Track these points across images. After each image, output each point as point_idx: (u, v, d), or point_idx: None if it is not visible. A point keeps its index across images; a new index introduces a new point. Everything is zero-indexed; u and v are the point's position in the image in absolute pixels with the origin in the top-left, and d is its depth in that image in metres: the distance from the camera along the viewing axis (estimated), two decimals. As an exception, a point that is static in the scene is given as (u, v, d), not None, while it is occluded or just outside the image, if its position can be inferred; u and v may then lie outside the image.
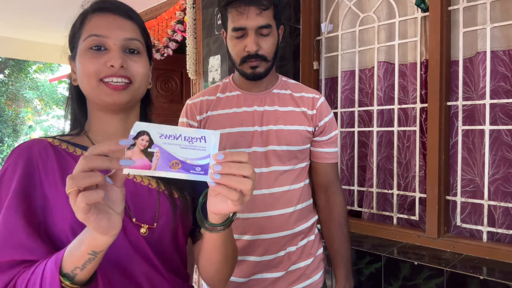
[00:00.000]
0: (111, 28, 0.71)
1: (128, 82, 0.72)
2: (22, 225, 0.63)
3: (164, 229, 0.72)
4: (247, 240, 1.10)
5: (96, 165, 0.50)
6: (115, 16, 0.72)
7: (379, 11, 1.86)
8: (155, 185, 0.75)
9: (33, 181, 0.67)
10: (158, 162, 0.52)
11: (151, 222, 0.71)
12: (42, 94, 12.17)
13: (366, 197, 1.93)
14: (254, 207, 1.09)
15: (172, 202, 0.74)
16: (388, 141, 1.89)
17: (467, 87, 1.63)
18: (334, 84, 2.07)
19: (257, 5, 1.01)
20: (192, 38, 2.35)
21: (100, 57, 0.70)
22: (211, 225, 0.62)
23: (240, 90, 1.16)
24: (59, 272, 0.56)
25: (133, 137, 0.52)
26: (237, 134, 1.10)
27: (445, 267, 1.38)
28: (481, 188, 1.57)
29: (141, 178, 0.74)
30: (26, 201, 0.65)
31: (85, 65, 0.70)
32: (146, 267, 0.69)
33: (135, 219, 0.70)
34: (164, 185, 0.75)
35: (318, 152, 1.17)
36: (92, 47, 0.70)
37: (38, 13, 3.08)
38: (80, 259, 0.55)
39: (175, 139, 0.53)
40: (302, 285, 1.13)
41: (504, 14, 1.53)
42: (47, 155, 0.70)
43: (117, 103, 0.71)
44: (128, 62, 0.71)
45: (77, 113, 0.78)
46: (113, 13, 0.72)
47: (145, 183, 0.74)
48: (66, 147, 0.72)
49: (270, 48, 1.07)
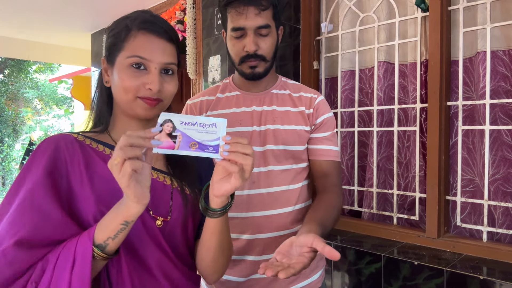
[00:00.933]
0: (154, 51, 0.77)
1: (160, 99, 0.79)
2: (55, 207, 0.70)
3: (176, 222, 0.81)
4: (245, 240, 1.10)
5: (135, 142, 0.61)
6: (159, 39, 0.78)
7: (379, 11, 1.86)
8: (169, 181, 0.83)
9: (59, 171, 0.74)
10: (180, 143, 0.65)
11: (166, 215, 0.79)
12: (42, 94, 12.18)
13: (366, 197, 1.94)
14: (253, 207, 1.09)
15: (184, 198, 0.82)
16: (388, 141, 1.89)
17: (467, 87, 1.63)
18: (334, 84, 2.07)
19: (256, 5, 1.02)
20: (192, 38, 2.36)
21: (140, 76, 0.76)
22: (212, 210, 0.73)
23: (240, 90, 1.16)
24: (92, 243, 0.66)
25: (160, 124, 0.64)
26: (236, 134, 1.11)
27: (445, 267, 1.38)
28: (481, 188, 1.57)
29: (157, 175, 0.82)
30: (54, 187, 0.72)
31: (125, 81, 0.76)
32: (159, 254, 0.77)
33: (151, 212, 0.78)
34: (177, 181, 0.83)
35: (313, 149, 1.15)
36: (133, 65, 0.77)
37: (38, 13, 3.08)
38: (113, 229, 0.66)
39: (192, 125, 0.66)
40: (300, 284, 1.13)
41: (504, 14, 1.53)
42: (73, 149, 0.76)
43: (148, 117, 0.80)
44: (163, 84, 0.78)
45: (104, 113, 0.85)
46: (157, 35, 0.78)
47: (161, 179, 0.82)
48: (90, 143, 0.79)
49: (269, 48, 1.07)
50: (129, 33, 0.77)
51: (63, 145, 0.76)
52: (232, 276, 1.12)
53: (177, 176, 0.84)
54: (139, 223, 0.74)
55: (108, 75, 0.82)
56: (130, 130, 0.77)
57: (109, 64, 0.81)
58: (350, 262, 1.63)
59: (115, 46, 0.79)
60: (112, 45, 0.80)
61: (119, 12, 2.93)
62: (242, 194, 1.10)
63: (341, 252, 1.66)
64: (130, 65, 0.76)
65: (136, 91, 0.76)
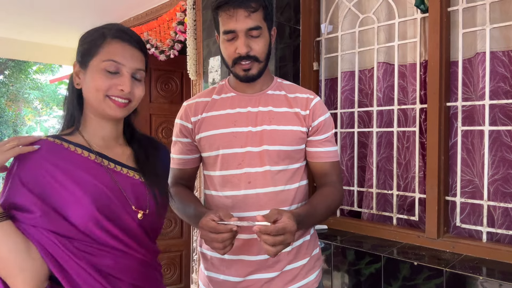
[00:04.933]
0: (126, 57, 0.87)
1: (128, 101, 0.89)
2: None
3: (153, 214, 0.92)
4: (242, 239, 1.10)
5: None
6: (131, 47, 0.89)
7: (379, 12, 1.86)
8: (142, 178, 0.93)
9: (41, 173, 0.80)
10: None
11: (144, 209, 0.90)
12: (43, 95, 12.18)
13: (366, 198, 1.94)
14: (249, 207, 1.10)
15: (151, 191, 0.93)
16: (387, 142, 1.90)
17: (467, 87, 1.64)
18: (334, 85, 2.08)
19: (245, 8, 1.03)
20: (193, 39, 2.36)
21: (112, 78, 0.86)
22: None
23: (235, 92, 1.17)
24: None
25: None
26: (230, 134, 1.11)
27: (445, 268, 1.38)
28: (480, 188, 1.58)
29: (133, 173, 0.92)
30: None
31: (98, 81, 0.85)
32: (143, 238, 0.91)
33: (134, 207, 0.88)
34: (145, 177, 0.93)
35: (313, 151, 1.17)
36: (107, 69, 0.86)
37: (38, 13, 3.08)
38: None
39: None
40: (297, 285, 1.13)
41: (504, 15, 1.53)
42: (54, 152, 0.84)
43: (117, 117, 0.90)
44: (133, 87, 0.89)
45: (75, 114, 0.92)
46: (129, 44, 0.88)
47: (136, 177, 0.92)
48: (68, 146, 0.86)
49: (262, 49, 1.08)
50: (105, 40, 0.87)
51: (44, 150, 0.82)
52: (229, 276, 1.12)
53: (145, 173, 0.94)
54: (129, 217, 0.86)
55: (79, 78, 0.90)
56: (100, 130, 0.92)
57: (81, 67, 0.89)
58: (350, 263, 1.63)
59: (89, 51, 0.87)
60: (86, 50, 0.88)
61: (119, 12, 2.94)
62: (239, 194, 1.10)
63: (341, 252, 1.66)
64: (104, 68, 0.85)
65: (106, 90, 0.86)
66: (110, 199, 0.84)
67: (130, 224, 0.87)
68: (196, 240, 2.28)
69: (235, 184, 1.11)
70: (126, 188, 0.88)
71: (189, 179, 1.25)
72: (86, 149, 0.88)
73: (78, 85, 0.90)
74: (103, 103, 0.87)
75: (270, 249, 0.89)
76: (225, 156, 1.12)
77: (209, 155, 1.15)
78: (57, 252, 0.77)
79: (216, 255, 1.13)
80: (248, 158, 1.10)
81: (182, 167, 1.21)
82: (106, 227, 0.82)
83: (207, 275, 1.17)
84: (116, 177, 0.88)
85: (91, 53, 0.87)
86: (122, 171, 0.90)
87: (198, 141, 1.16)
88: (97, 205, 0.81)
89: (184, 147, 1.20)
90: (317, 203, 1.10)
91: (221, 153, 1.12)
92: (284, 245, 0.91)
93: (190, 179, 1.25)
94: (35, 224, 0.77)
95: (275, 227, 0.88)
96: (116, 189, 0.86)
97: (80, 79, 0.89)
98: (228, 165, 1.11)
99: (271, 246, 0.89)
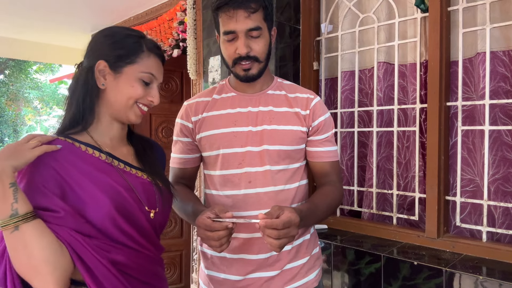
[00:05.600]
0: (159, 72, 0.95)
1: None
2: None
3: (162, 212, 0.95)
4: (242, 238, 1.11)
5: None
6: (161, 63, 0.96)
7: (379, 11, 1.86)
8: (149, 177, 0.95)
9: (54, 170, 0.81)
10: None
11: (154, 207, 0.93)
12: (43, 94, 12.18)
13: (366, 197, 1.94)
14: (249, 206, 1.10)
15: (159, 189, 0.95)
16: (387, 141, 1.90)
17: (467, 87, 1.64)
18: (334, 85, 2.08)
19: (245, 9, 1.03)
20: (193, 39, 2.36)
21: (146, 89, 0.92)
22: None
23: (236, 92, 1.18)
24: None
25: None
26: (231, 134, 1.12)
27: (445, 267, 1.38)
28: (480, 188, 1.58)
29: (141, 173, 0.94)
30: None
31: (135, 90, 0.90)
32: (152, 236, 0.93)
33: (147, 207, 0.91)
34: (150, 175, 0.95)
35: (313, 151, 1.17)
36: (144, 80, 0.91)
37: (38, 13, 3.08)
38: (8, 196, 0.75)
39: None
40: (297, 283, 1.13)
41: (504, 14, 1.53)
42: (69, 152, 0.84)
43: (136, 123, 0.95)
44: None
45: (87, 113, 0.90)
46: (160, 60, 0.96)
47: (144, 177, 0.94)
48: (79, 146, 0.87)
49: (262, 49, 1.09)
50: (143, 52, 0.91)
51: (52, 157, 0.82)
52: (229, 274, 1.12)
53: (151, 172, 0.96)
54: (143, 217, 0.88)
55: (106, 79, 0.90)
56: (110, 131, 0.94)
57: (112, 69, 0.89)
58: (350, 262, 1.63)
59: (126, 57, 0.89)
60: (123, 56, 0.89)
61: (119, 12, 2.94)
62: (239, 194, 1.11)
63: (341, 252, 1.66)
64: (141, 78, 0.90)
65: (138, 99, 0.91)
66: (125, 199, 0.85)
67: (143, 223, 0.88)
68: (196, 240, 2.29)
69: (235, 183, 1.11)
70: (137, 188, 0.90)
71: (190, 178, 1.25)
72: (97, 149, 0.88)
73: (103, 86, 0.90)
74: (129, 109, 0.91)
75: (275, 242, 0.89)
76: (225, 156, 1.12)
77: (210, 154, 1.15)
78: (82, 250, 0.77)
79: (217, 254, 1.14)
80: (248, 157, 1.11)
81: (183, 166, 1.22)
82: (121, 226, 0.83)
83: (208, 274, 1.18)
84: (127, 177, 0.90)
85: (128, 60, 0.89)
86: (131, 171, 0.92)
87: (199, 141, 1.16)
88: (115, 205, 0.82)
89: (184, 146, 1.20)
90: (318, 201, 1.10)
91: (221, 152, 1.12)
92: (289, 238, 0.90)
93: (191, 178, 1.26)
94: (61, 223, 0.77)
95: (280, 220, 0.88)
96: (130, 189, 0.88)
97: (107, 80, 0.89)
98: (229, 164, 1.12)
99: (276, 239, 0.88)
